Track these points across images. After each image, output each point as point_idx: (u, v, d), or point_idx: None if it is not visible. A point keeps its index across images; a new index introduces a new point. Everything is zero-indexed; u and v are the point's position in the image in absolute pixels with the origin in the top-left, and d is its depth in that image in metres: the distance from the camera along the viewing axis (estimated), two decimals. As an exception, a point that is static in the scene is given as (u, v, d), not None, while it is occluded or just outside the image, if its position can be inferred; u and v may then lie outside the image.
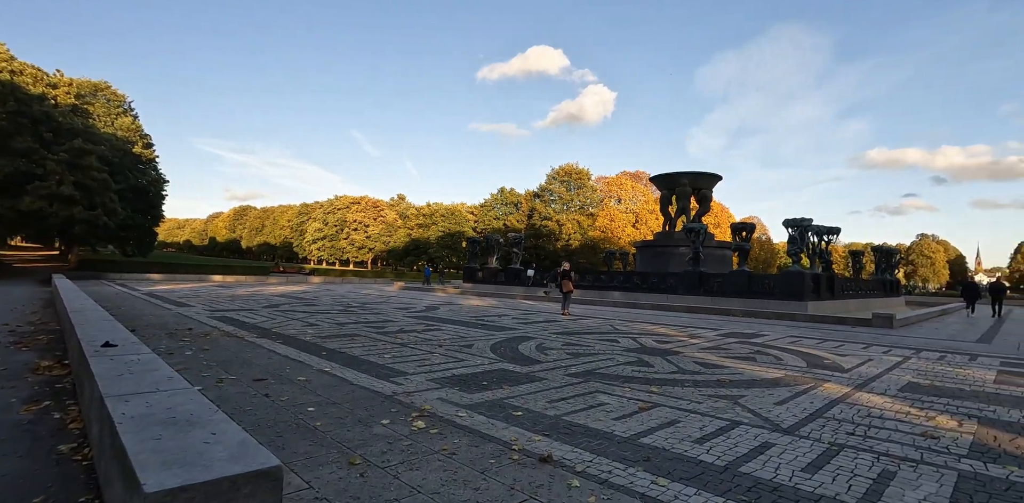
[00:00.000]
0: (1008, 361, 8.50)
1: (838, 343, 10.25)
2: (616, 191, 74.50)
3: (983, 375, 7.11)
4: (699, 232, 20.99)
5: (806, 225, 18.74)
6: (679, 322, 14.11)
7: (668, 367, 7.01)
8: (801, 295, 17.85)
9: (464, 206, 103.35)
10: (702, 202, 29.08)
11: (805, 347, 9.48)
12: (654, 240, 29.46)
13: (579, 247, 72.07)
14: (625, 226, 69.41)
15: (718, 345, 9.45)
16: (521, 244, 29.81)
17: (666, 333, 11.20)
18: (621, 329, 11.74)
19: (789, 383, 6.18)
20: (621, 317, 15.25)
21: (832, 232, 21.60)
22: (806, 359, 8.02)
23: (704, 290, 20.38)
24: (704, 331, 11.86)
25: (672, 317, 15.84)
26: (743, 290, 19.23)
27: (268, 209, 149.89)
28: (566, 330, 11.26)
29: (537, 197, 77.36)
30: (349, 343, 8.44)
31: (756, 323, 14.47)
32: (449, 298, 23.22)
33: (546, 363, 7.11)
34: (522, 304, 20.44)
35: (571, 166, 73.56)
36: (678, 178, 28.71)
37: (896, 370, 7.28)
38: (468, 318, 13.49)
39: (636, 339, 9.95)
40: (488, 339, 9.43)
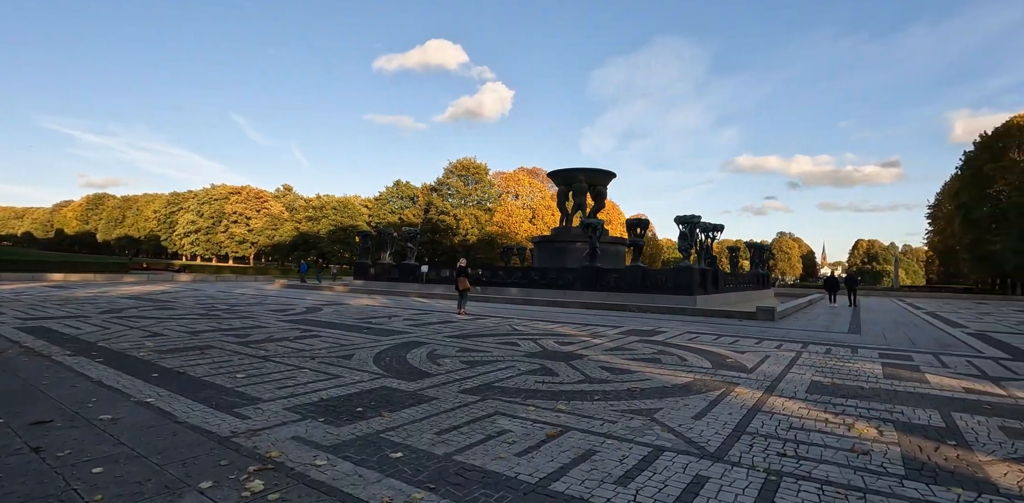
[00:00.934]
0: (884, 352, 8.90)
1: (733, 339, 10.30)
2: (514, 187, 74.88)
3: (872, 369, 7.23)
4: (596, 227, 21.04)
5: (696, 222, 19.39)
6: (578, 320, 13.75)
7: (574, 375, 6.34)
8: (691, 290, 18.41)
9: (358, 199, 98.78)
10: (597, 198, 29.51)
11: (704, 344, 9.35)
12: (552, 235, 29.46)
13: (477, 242, 71.55)
14: (522, 222, 69.96)
15: (621, 345, 9.03)
16: (417, 238, 28.41)
17: (567, 333, 10.67)
18: (521, 330, 11.04)
19: (701, 389, 5.73)
20: (520, 315, 14.63)
21: (716, 229, 22.67)
22: (709, 359, 7.77)
23: (601, 286, 20.45)
24: (604, 329, 11.51)
25: (571, 314, 15.52)
26: (638, 285, 19.52)
27: (130, 198, 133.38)
28: (462, 332, 10.33)
29: (434, 191, 75.64)
30: (195, 359, 6.86)
31: (652, 319, 14.52)
32: (336, 297, 21.36)
33: (438, 376, 6.13)
34: (416, 303, 19.23)
35: (469, 160, 72.70)
36: (575, 174, 28.86)
37: (795, 368, 7.20)
38: (353, 321, 12.10)
39: (537, 341, 9.27)
40: (373, 347, 8.24)
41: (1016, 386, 6.36)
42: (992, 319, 17.93)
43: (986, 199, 55.68)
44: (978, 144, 60.68)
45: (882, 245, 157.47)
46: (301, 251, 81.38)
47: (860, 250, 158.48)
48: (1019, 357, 8.74)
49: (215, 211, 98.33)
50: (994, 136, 58.24)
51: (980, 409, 5.15)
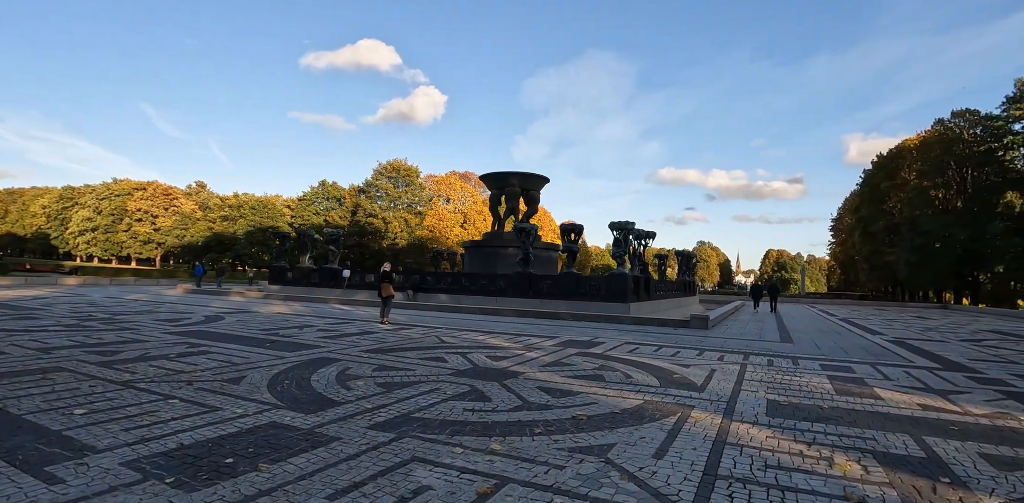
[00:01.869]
0: (824, 364, 8.66)
1: (673, 350, 9.81)
2: (445, 190, 73.53)
3: (821, 384, 6.84)
4: (530, 232, 20.39)
5: (630, 228, 19.18)
6: (511, 329, 12.91)
7: (509, 400, 5.43)
8: (624, 297, 18.10)
9: (280, 199, 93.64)
10: (530, 203, 28.99)
11: (647, 357, 8.75)
12: (483, 240, 28.58)
13: (406, 247, 69.51)
14: (453, 226, 68.72)
15: (559, 359, 8.24)
16: (340, 241, 26.59)
17: (500, 345, 9.78)
18: (449, 341, 10.03)
19: (655, 414, 5.00)
20: (449, 324, 13.60)
21: (649, 236, 22.69)
22: (655, 374, 7.13)
23: (534, 293, 19.78)
24: (540, 340, 10.73)
25: (503, 323, 14.66)
26: (571, 292, 19.01)
27: (14, 191, 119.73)
28: (382, 346, 9.18)
29: (362, 193, 72.86)
30: (28, 387, 5.35)
31: (587, 327, 13.94)
32: (246, 304, 19.34)
33: (345, 405, 5.03)
34: (335, 310, 17.69)
35: (399, 162, 70.67)
36: (508, 178, 28.21)
37: (746, 384, 6.68)
38: (257, 332, 10.60)
39: (467, 355, 8.30)
40: (272, 366, 6.96)
41: (964, 400, 6.12)
42: (900, 325, 18.88)
43: (882, 214, 60.67)
44: (875, 163, 66.16)
45: (790, 255, 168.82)
46: (215, 253, 75.75)
47: (771, 259, 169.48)
48: (948, 367, 8.77)
49: (116, 208, 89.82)
50: (888, 157, 63.65)
51: (948, 432, 4.74)
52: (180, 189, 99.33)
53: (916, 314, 29.30)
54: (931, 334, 15.59)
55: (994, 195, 47.16)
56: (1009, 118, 47.07)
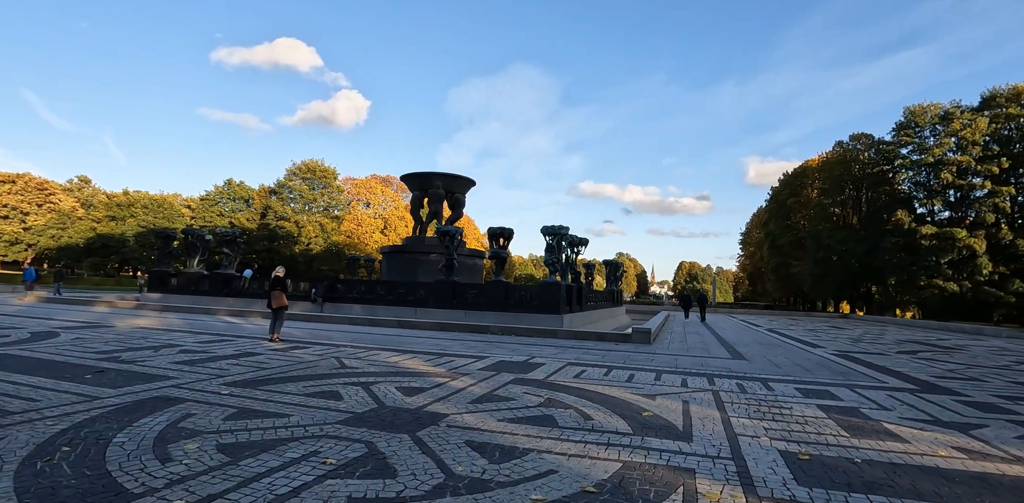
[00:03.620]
0: (801, 388, 7.44)
1: (626, 372, 8.27)
2: (365, 194, 69.85)
3: (819, 419, 5.49)
4: (454, 236, 18.48)
5: (564, 233, 17.80)
6: (432, 347, 10.92)
7: (425, 472, 3.52)
8: (557, 308, 16.62)
9: (179, 198, 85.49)
10: (455, 207, 27.09)
11: (599, 384, 7.12)
12: (403, 245, 26.29)
13: (321, 252, 65.13)
14: (373, 232, 65.24)
15: (493, 390, 6.42)
16: (237, 243, 23.27)
17: (417, 369, 7.79)
18: (352, 366, 7.91)
19: (647, 491, 3.30)
20: (358, 341, 11.38)
21: (582, 243, 21.49)
22: (619, 411, 5.48)
23: (458, 303, 17.85)
24: (466, 362, 8.84)
25: (422, 338, 12.62)
26: (500, 303, 17.27)
27: None
28: (258, 375, 6.92)
29: (274, 194, 67.61)
30: None
31: (520, 344, 12.22)
32: (105, 316, 15.90)
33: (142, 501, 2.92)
34: (219, 324, 14.84)
35: (315, 162, 66.32)
36: (432, 179, 26.17)
37: (737, 425, 5.17)
38: (89, 356, 7.93)
39: (372, 387, 6.28)
40: (67, 415, 4.60)
41: (993, 436, 4.96)
42: (827, 336, 18.76)
43: (788, 228, 64.19)
44: (782, 181, 70.29)
45: (700, 266, 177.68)
46: (99, 256, 67.39)
47: (683, 270, 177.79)
48: (926, 388, 7.84)
49: (-26, 204, 77.70)
50: (794, 175, 67.70)
51: (1044, 502, 3.40)
52: (58, 184, 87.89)
53: (828, 324, 30.22)
54: (863, 345, 15.31)
55: (886, 213, 50.91)
56: (899, 143, 51.15)
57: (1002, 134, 47.37)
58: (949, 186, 47.20)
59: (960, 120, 47.42)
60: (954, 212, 47.54)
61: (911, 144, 50.33)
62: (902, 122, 51.89)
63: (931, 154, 47.89)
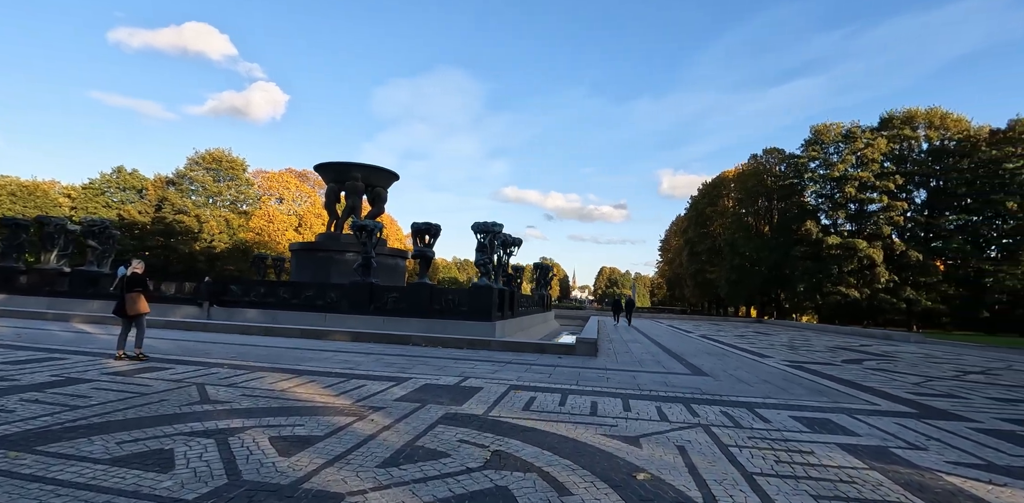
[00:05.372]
0: (796, 416, 6.10)
1: (585, 399, 6.62)
2: (278, 189, 64.75)
3: (863, 471, 4.07)
4: (372, 231, 16.22)
5: (497, 231, 16.06)
6: (339, 363, 8.77)
7: None
8: (489, 314, 14.84)
9: (57, 186, 75.49)
10: (376, 202, 24.65)
11: (556, 419, 5.40)
12: (315, 243, 23.52)
13: (226, 251, 59.42)
14: (286, 229, 60.42)
15: (415, 437, 4.50)
16: (110, 235, 19.53)
17: (311, 402, 5.71)
18: (217, 397, 5.69)
19: None
20: (243, 356, 8.99)
21: (515, 244, 19.92)
22: (601, 473, 3.77)
23: (376, 308, 15.61)
24: (381, 386, 6.83)
25: (329, 352, 10.38)
26: (424, 308, 15.22)
27: None
28: (58, 419, 4.57)
29: (172, 185, 60.93)
30: None
31: (449, 358, 10.31)
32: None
33: None
34: (64, 334, 11.75)
35: (221, 152, 60.56)
36: (350, 170, 23.60)
37: (771, 491, 3.62)
38: None
39: (230, 440, 4.17)
40: None
41: (1085, 496, 3.74)
42: (762, 343, 18.30)
43: (707, 236, 66.43)
44: (700, 190, 72.81)
45: (620, 272, 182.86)
46: (-55, 251, 57.53)
47: (604, 276, 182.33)
48: (924, 412, 6.80)
49: None
50: (712, 185, 70.30)
51: None
52: (-100, 165, 74.86)
53: (749, 328, 30.60)
54: (805, 353, 14.77)
55: (795, 223, 53.62)
56: (807, 158, 54.14)
57: (896, 153, 51.29)
58: (851, 200, 50.33)
59: (862, 139, 50.83)
60: (855, 224, 50.74)
61: (818, 159, 53.43)
62: (810, 139, 54.98)
63: (836, 169, 50.95)
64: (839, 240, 48.04)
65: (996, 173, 45.92)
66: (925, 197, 51.31)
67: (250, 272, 46.48)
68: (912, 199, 50.87)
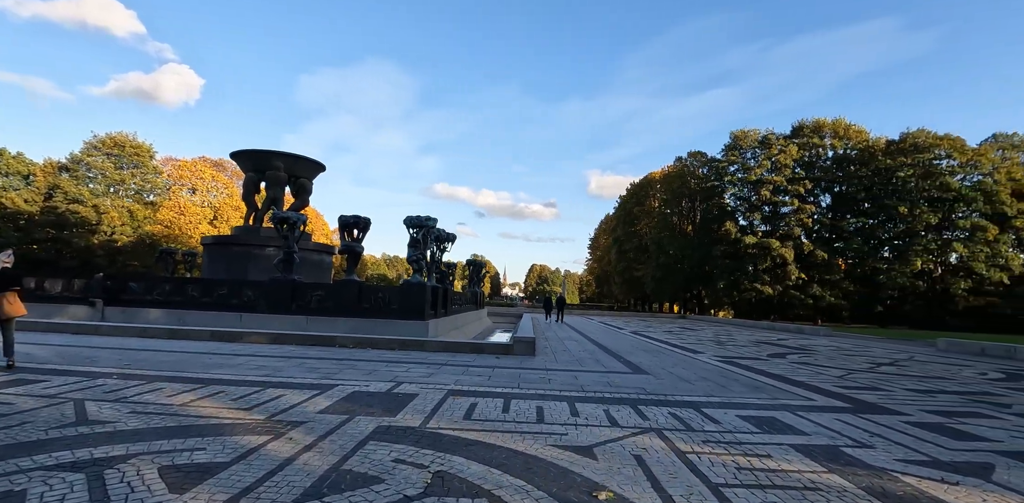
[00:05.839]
0: (742, 415, 5.98)
1: (530, 404, 6.20)
2: (191, 179, 60.07)
3: (823, 475, 3.90)
4: (295, 224, 15.07)
5: (431, 226, 15.38)
6: (255, 370, 7.87)
7: None
8: (422, 313, 14.17)
9: (-79, 171, 66.20)
10: (300, 194, 23.14)
11: (501, 429, 4.94)
12: (231, 236, 21.73)
13: (130, 244, 54.40)
14: (200, 222, 56.17)
15: (342, 458, 3.89)
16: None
17: (216, 419, 4.91)
18: (99, 416, 4.75)
19: None
20: (138, 364, 7.86)
21: (449, 240, 19.28)
22: (558, 493, 3.35)
23: (298, 307, 14.50)
24: (303, 395, 6.09)
25: (244, 356, 9.38)
26: (352, 307, 14.30)
27: None
28: None
29: (66, 171, 54.93)
30: None
31: (379, 360, 9.59)
32: None
33: None
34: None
35: (124, 136, 55.36)
36: (271, 159, 21.98)
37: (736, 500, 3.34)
38: None
39: (106, 473, 3.36)
40: None
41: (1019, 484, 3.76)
42: (692, 339, 18.78)
43: (634, 235, 68.48)
44: (629, 191, 74.93)
45: (550, 269, 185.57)
46: None
47: (535, 273, 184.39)
48: (859, 406, 6.93)
49: None
50: (639, 185, 72.53)
51: None
52: None
53: (676, 324, 31.62)
54: (732, 349, 15.21)
55: (716, 224, 56.31)
56: (727, 162, 56.98)
57: (806, 160, 55.04)
58: (766, 202, 53.51)
59: (776, 145, 54.11)
60: (770, 225, 53.97)
61: (737, 163, 56.37)
62: (730, 144, 57.92)
63: (753, 173, 53.97)
64: (755, 240, 50.92)
65: (890, 181, 50.34)
66: (830, 201, 55.42)
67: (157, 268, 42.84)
68: (819, 203, 54.79)
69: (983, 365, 13.47)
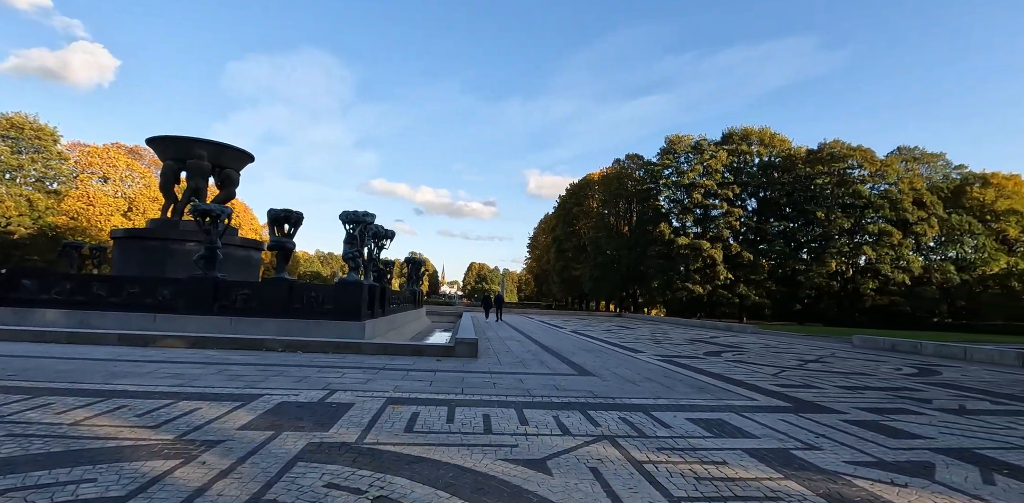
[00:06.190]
0: (691, 418, 5.91)
1: (476, 412, 5.86)
2: (102, 166, 55.20)
3: (781, 482, 3.81)
4: (218, 217, 13.95)
5: (369, 222, 14.67)
6: (166, 379, 7.06)
7: None
8: (358, 313, 13.48)
9: None
10: (226, 185, 21.60)
11: (446, 442, 4.58)
12: (146, 229, 19.97)
13: (29, 237, 49.42)
14: (112, 214, 51.79)
15: (265, 485, 3.39)
16: None
17: (114, 439, 4.24)
18: (-36, 440, 4.00)
19: None
20: (24, 373, 6.86)
21: (388, 236, 18.53)
22: (516, 517, 3.05)
23: (222, 307, 13.42)
24: (221, 408, 5.46)
25: (155, 363, 8.46)
26: (282, 307, 13.38)
27: None
28: None
29: (-51, 155, 48.94)
30: None
31: (311, 365, 8.94)
32: None
33: None
34: None
35: (23, 118, 50.18)
36: (193, 146, 20.36)
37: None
38: None
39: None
40: None
41: (969, 487, 3.83)
42: (630, 337, 19.06)
43: (573, 235, 69.47)
44: (568, 191, 75.91)
45: (489, 268, 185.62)
46: None
47: (473, 271, 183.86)
48: (799, 406, 7.07)
49: None
50: (579, 186, 73.66)
51: None
52: None
53: (613, 322, 32.21)
54: (670, 347, 15.51)
55: (651, 225, 58.05)
56: (663, 165, 58.85)
57: (735, 166, 57.72)
58: (698, 205, 55.69)
59: (708, 151, 56.44)
60: (701, 227, 56.19)
61: (671, 167, 58.36)
62: (665, 148, 59.85)
63: (686, 177, 56.03)
64: (688, 241, 52.87)
65: (809, 187, 53.69)
66: (756, 205, 58.42)
67: (60, 264, 39.01)
68: (746, 206, 57.59)
69: (896, 360, 14.41)
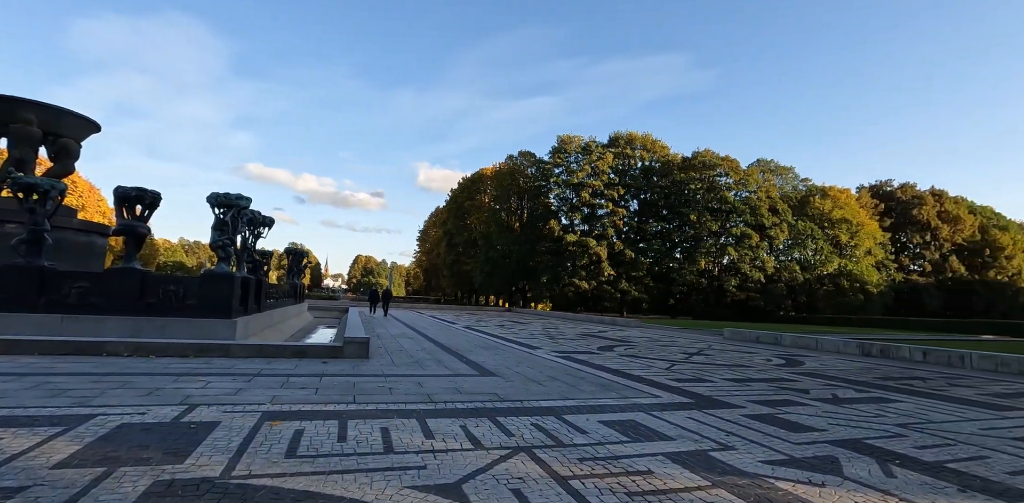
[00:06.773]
0: (604, 420, 5.64)
1: (373, 426, 5.11)
2: None
3: (710, 490, 3.60)
4: (47, 192, 11.53)
5: (243, 206, 12.96)
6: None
7: None
8: (228, 309, 11.85)
9: None
10: (61, 157, 18.21)
11: (339, 467, 3.83)
12: (-53, 207, 16.22)
13: None
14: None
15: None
16: None
17: None
18: None
19: None
20: None
21: (266, 224, 16.69)
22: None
23: (50, 302, 11.09)
24: (32, 439, 4.19)
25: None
26: (133, 303, 11.36)
27: None
28: None
29: None
30: None
31: (166, 373, 7.52)
32: None
33: None
34: None
35: None
36: (18, 108, 16.89)
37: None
38: None
39: None
40: None
41: (876, 481, 3.90)
42: (525, 333, 19.00)
43: (464, 229, 69.05)
44: (461, 184, 75.29)
45: (376, 261, 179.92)
46: None
47: (359, 264, 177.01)
48: (700, 402, 7.15)
49: None
50: (472, 180, 73.30)
51: None
52: None
53: (504, 317, 32.28)
54: (565, 343, 15.60)
55: (541, 222, 59.37)
56: (554, 164, 60.37)
57: (620, 168, 60.77)
58: (586, 204, 57.85)
59: (596, 152, 58.81)
60: (588, 225, 58.46)
61: (562, 166, 60.06)
62: (556, 147, 61.44)
63: (575, 177, 57.97)
64: (575, 238, 54.74)
65: (683, 192, 58.00)
66: (637, 206, 62.00)
67: None
68: (629, 207, 60.89)
69: (764, 351, 15.70)
